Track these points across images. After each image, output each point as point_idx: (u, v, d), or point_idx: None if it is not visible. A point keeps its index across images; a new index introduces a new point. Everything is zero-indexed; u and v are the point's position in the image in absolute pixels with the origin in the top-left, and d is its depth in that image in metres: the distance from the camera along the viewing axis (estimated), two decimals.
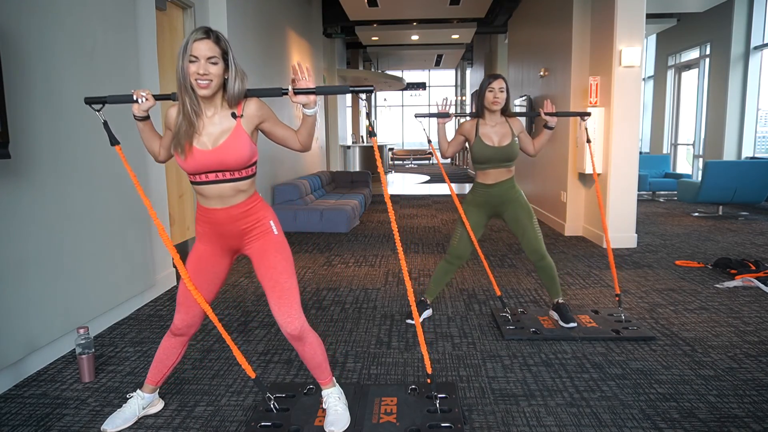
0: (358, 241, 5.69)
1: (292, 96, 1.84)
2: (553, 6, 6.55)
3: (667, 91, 10.16)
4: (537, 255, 3.03)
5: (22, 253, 2.48)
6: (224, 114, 1.87)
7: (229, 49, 1.84)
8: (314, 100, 1.86)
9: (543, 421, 2.10)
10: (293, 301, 1.96)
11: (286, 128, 1.97)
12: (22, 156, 2.46)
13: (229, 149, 1.84)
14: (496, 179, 2.99)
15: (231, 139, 1.84)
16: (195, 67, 1.76)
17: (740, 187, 6.59)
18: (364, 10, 9.59)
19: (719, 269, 4.27)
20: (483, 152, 2.94)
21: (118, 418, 2.08)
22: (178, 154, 1.85)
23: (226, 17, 5.05)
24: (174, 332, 2.09)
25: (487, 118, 2.99)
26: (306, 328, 1.98)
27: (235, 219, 1.93)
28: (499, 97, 2.91)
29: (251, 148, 1.89)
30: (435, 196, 9.83)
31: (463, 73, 20.49)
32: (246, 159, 1.88)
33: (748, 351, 2.73)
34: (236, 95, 1.84)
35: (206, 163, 1.84)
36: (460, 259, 3.16)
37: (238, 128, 1.86)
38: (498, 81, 2.92)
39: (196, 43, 1.76)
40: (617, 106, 5.10)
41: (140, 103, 1.89)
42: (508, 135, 2.95)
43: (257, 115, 1.90)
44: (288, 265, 1.99)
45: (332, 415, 2.01)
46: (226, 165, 1.85)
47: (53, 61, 2.70)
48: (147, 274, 3.59)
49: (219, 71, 1.80)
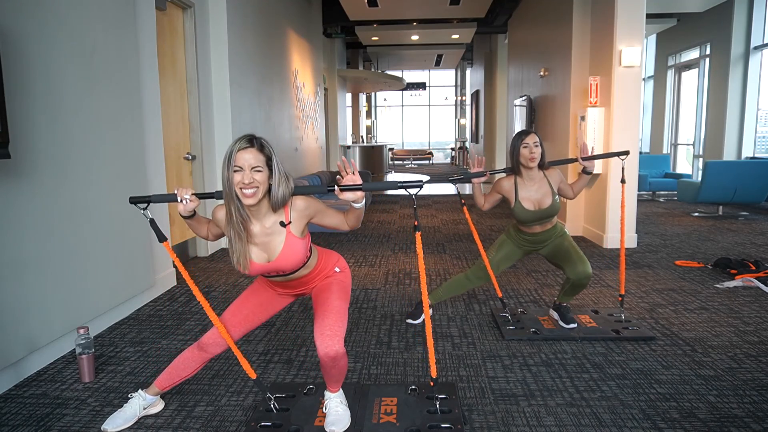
0: (358, 241, 5.69)
1: (339, 194, 1.84)
2: (553, 6, 6.55)
3: (667, 91, 10.16)
4: (587, 278, 2.91)
5: (22, 253, 2.48)
6: (273, 220, 1.90)
7: (273, 154, 1.84)
8: (362, 196, 1.86)
9: (543, 421, 2.10)
10: (337, 319, 1.94)
11: (334, 216, 1.99)
12: (22, 156, 2.46)
13: (285, 260, 1.91)
14: (540, 230, 2.94)
15: (286, 249, 1.90)
16: (240, 176, 1.77)
17: (740, 187, 6.59)
18: (364, 10, 9.59)
19: (719, 269, 4.27)
20: (525, 216, 2.87)
21: (118, 418, 2.08)
22: (239, 268, 1.91)
23: (226, 17, 5.06)
24: (200, 346, 2.10)
25: (525, 176, 2.89)
26: (342, 352, 1.91)
27: (304, 284, 2.09)
28: (535, 153, 2.79)
29: (305, 250, 1.96)
30: (435, 196, 9.82)
31: (463, 73, 20.49)
32: (302, 260, 1.96)
33: (748, 351, 2.73)
34: (281, 200, 1.85)
35: (266, 271, 1.96)
36: (479, 281, 3.10)
37: (289, 236, 1.90)
38: (531, 136, 2.81)
39: (240, 152, 1.77)
40: (617, 106, 5.10)
41: (184, 204, 1.88)
42: (549, 194, 2.85)
43: (305, 215, 1.94)
44: (341, 291, 2.06)
45: (333, 416, 2.01)
46: (286, 270, 1.95)
47: (53, 61, 2.70)
48: (147, 274, 3.59)
49: (264, 179, 1.80)
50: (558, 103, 6.38)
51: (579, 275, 2.89)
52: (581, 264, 2.89)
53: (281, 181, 1.83)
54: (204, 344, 2.09)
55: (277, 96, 6.99)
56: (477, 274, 3.09)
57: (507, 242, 3.06)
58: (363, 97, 19.76)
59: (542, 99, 7.17)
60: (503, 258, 3.04)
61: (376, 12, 9.72)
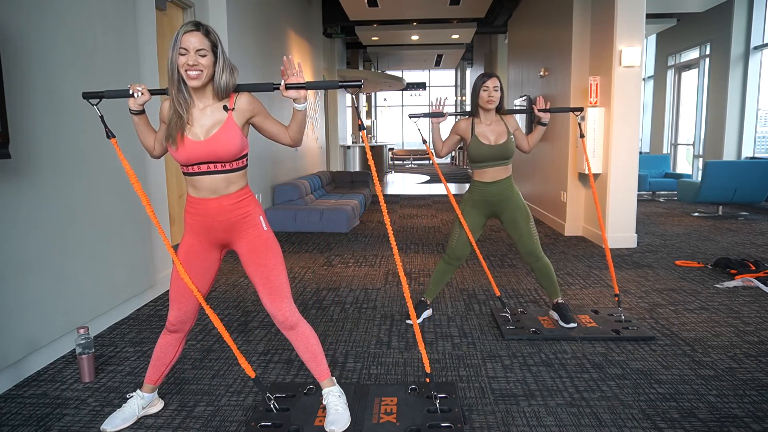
0: (358, 241, 5.69)
1: (283, 90, 1.86)
2: (553, 6, 6.55)
3: (667, 91, 10.16)
4: (532, 257, 3.03)
5: (22, 253, 2.48)
6: (216, 107, 1.90)
7: (219, 42, 1.87)
8: (304, 95, 1.88)
9: (543, 421, 2.10)
10: (284, 295, 2.01)
11: (276, 123, 2.00)
12: (22, 156, 2.47)
13: (220, 140, 1.87)
14: (493, 178, 2.99)
15: (222, 130, 1.87)
16: (185, 58, 1.80)
17: (740, 187, 6.59)
18: (364, 10, 9.59)
19: (719, 269, 4.27)
20: (480, 151, 2.95)
21: (117, 418, 2.08)
22: (170, 144, 1.88)
23: (226, 17, 5.06)
24: (169, 329, 2.09)
25: (482, 117, 2.99)
26: (297, 317, 2.03)
27: (225, 210, 1.94)
28: (493, 96, 2.91)
29: (242, 140, 1.92)
30: (435, 196, 9.82)
31: (463, 73, 20.49)
32: (237, 150, 1.90)
33: (748, 351, 2.73)
34: (224, 87, 1.87)
35: (198, 154, 1.87)
36: (458, 260, 3.15)
37: (229, 120, 1.89)
38: (492, 80, 2.92)
39: (186, 35, 1.79)
40: (617, 106, 5.10)
41: (136, 97, 1.91)
42: (504, 133, 2.96)
43: (248, 109, 1.93)
44: (278, 261, 2.01)
45: (332, 415, 2.01)
46: (218, 156, 1.88)
47: (53, 61, 2.70)
48: (147, 274, 3.59)
49: (209, 63, 1.82)
50: (558, 103, 6.37)
51: (527, 252, 3.02)
52: (530, 242, 3.00)
53: (225, 69, 1.85)
54: (171, 324, 2.08)
55: (277, 96, 6.99)
56: (453, 254, 3.13)
57: (466, 207, 3.09)
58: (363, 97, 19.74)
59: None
60: (470, 226, 3.07)
61: (376, 12, 9.72)
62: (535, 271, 3.08)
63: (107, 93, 2.02)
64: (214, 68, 1.85)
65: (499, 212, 3.06)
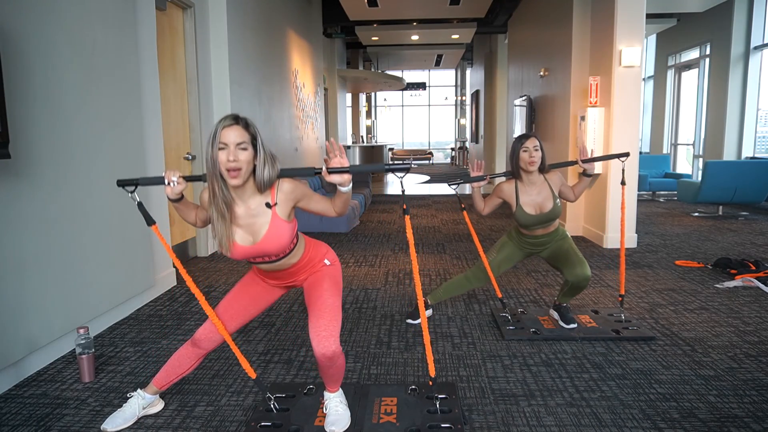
0: (358, 241, 5.69)
1: (326, 176, 1.82)
2: (553, 6, 6.55)
3: (667, 91, 10.16)
4: (586, 280, 2.91)
5: (22, 253, 2.48)
6: (258, 202, 1.86)
7: (258, 134, 1.82)
8: (348, 179, 1.83)
9: (543, 421, 2.10)
10: (332, 318, 1.93)
11: (321, 202, 1.95)
12: (22, 156, 2.46)
13: (270, 242, 1.87)
14: (542, 233, 2.94)
15: (270, 232, 1.86)
16: (225, 154, 1.74)
17: (740, 187, 6.59)
18: (364, 10, 9.58)
19: (719, 269, 4.27)
20: (527, 220, 2.86)
21: (118, 418, 2.08)
22: (221, 249, 1.87)
23: (226, 17, 5.05)
24: (194, 342, 2.09)
25: (525, 180, 2.88)
26: (339, 351, 1.92)
27: (293, 274, 2.05)
28: (534, 156, 2.78)
29: (291, 231, 1.91)
30: (435, 196, 9.82)
31: (463, 73, 20.48)
32: (288, 243, 1.91)
33: (748, 351, 2.73)
34: (266, 181, 1.82)
35: (250, 254, 1.90)
36: (479, 282, 3.10)
37: (275, 218, 1.86)
38: (531, 140, 2.80)
39: (225, 130, 1.75)
40: (617, 106, 5.10)
41: (172, 186, 1.87)
42: (550, 198, 2.85)
43: (291, 198, 1.90)
44: (334, 287, 2.03)
45: (333, 415, 2.01)
46: (270, 253, 1.90)
47: (53, 61, 2.70)
48: (147, 274, 3.59)
49: (248, 157, 1.78)
50: (558, 103, 6.38)
51: (578, 278, 2.89)
52: (580, 266, 2.89)
53: (266, 161, 1.80)
54: (198, 340, 2.08)
55: (277, 96, 6.99)
56: (477, 275, 3.09)
57: (508, 243, 3.06)
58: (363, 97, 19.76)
59: (542, 99, 7.17)
60: (504, 259, 3.04)
61: (376, 12, 9.72)
62: (576, 289, 2.96)
63: (142, 180, 2.01)
64: (255, 162, 1.80)
65: (541, 251, 3.02)
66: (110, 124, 3.19)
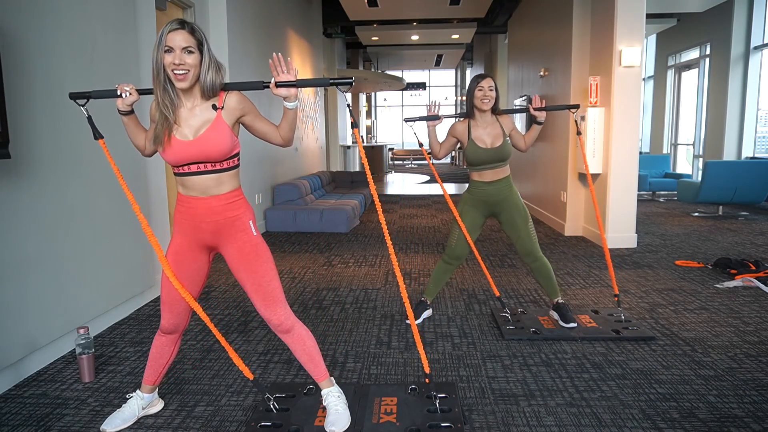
0: (358, 241, 5.69)
1: (274, 89, 1.83)
2: (553, 6, 6.54)
3: (667, 91, 10.16)
4: (530, 257, 3.03)
5: (22, 253, 2.48)
6: (204, 106, 1.87)
7: (205, 39, 1.83)
8: (295, 93, 1.85)
9: (543, 421, 2.10)
10: (278, 299, 1.99)
11: (267, 123, 1.96)
12: (22, 156, 2.47)
13: (209, 140, 1.84)
14: (492, 178, 2.99)
15: (211, 129, 1.84)
16: (170, 57, 1.76)
17: (740, 187, 6.59)
18: (364, 10, 9.59)
19: (719, 269, 4.27)
20: (477, 154, 2.94)
21: (117, 418, 2.08)
22: (158, 146, 1.86)
23: (226, 17, 5.05)
24: (163, 331, 2.08)
25: (478, 119, 2.99)
26: (293, 320, 2.01)
27: (214, 211, 1.91)
28: (488, 96, 2.91)
29: (232, 139, 1.88)
30: (435, 196, 9.82)
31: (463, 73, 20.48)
32: (227, 150, 1.87)
33: (748, 351, 2.73)
34: (211, 85, 1.83)
35: (187, 154, 1.84)
36: (458, 260, 3.15)
37: (219, 119, 1.86)
38: (487, 80, 2.92)
39: (171, 33, 1.76)
40: (617, 106, 5.10)
41: (124, 97, 1.88)
42: (500, 135, 2.96)
43: (238, 108, 1.89)
44: (269, 267, 1.98)
45: (333, 415, 2.01)
46: (207, 156, 1.85)
47: (53, 61, 2.70)
48: (147, 274, 3.59)
49: (195, 61, 1.79)
50: (558, 103, 6.37)
51: (525, 252, 3.02)
52: (529, 242, 3.00)
53: (211, 67, 1.81)
54: (164, 328, 2.06)
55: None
56: (453, 254, 3.12)
57: (465, 207, 3.09)
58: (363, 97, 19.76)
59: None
60: (469, 226, 3.06)
61: (376, 12, 9.72)
62: (534, 271, 3.09)
63: (94, 93, 1.99)
64: (200, 67, 1.81)
65: (497, 212, 3.05)
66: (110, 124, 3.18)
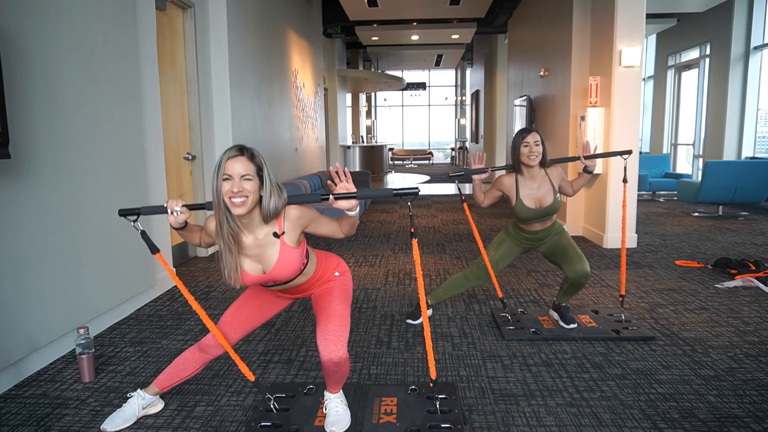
0: (358, 241, 5.69)
1: (333, 202, 1.82)
2: (553, 6, 6.55)
3: (667, 91, 10.16)
4: (585, 276, 2.91)
5: (22, 253, 2.48)
6: (266, 232, 1.86)
7: (264, 164, 1.81)
8: (355, 204, 1.84)
9: (543, 421, 2.10)
10: (341, 324, 1.94)
11: (328, 225, 1.96)
12: (22, 156, 2.46)
13: (280, 271, 1.89)
14: (540, 227, 2.94)
15: (280, 261, 1.87)
16: (229, 185, 1.74)
17: (740, 187, 6.59)
18: (364, 10, 9.59)
19: (719, 269, 4.27)
20: (527, 214, 2.86)
21: (117, 418, 2.08)
22: (230, 282, 1.85)
23: (226, 17, 5.05)
24: (202, 347, 2.09)
25: (526, 174, 2.88)
26: (346, 357, 1.92)
27: (304, 290, 2.07)
28: (535, 151, 2.78)
29: (300, 259, 1.93)
30: (435, 196, 9.82)
31: (463, 73, 20.49)
32: (298, 269, 1.93)
33: (748, 351, 2.73)
34: (272, 212, 1.81)
35: (261, 282, 1.93)
36: (478, 280, 3.10)
37: (284, 247, 1.87)
38: (532, 135, 2.79)
39: (230, 161, 1.75)
40: (617, 106, 5.10)
41: (175, 216, 1.86)
42: (550, 193, 2.85)
43: (299, 224, 1.90)
44: (343, 295, 2.04)
45: (333, 416, 2.01)
46: (281, 280, 1.93)
47: (53, 61, 2.70)
48: (147, 274, 3.59)
49: (254, 188, 1.77)
50: (558, 103, 6.38)
51: (577, 274, 2.90)
52: (579, 263, 2.89)
53: (273, 192, 1.79)
54: (205, 345, 2.08)
55: (277, 96, 6.99)
56: (476, 274, 3.09)
57: (506, 240, 3.05)
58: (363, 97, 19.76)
59: (542, 99, 7.17)
60: (502, 256, 3.04)
61: (376, 12, 9.72)
62: (576, 286, 2.97)
63: (143, 210, 1.98)
64: (260, 193, 1.79)
65: (539, 246, 3.02)
66: (110, 124, 3.19)
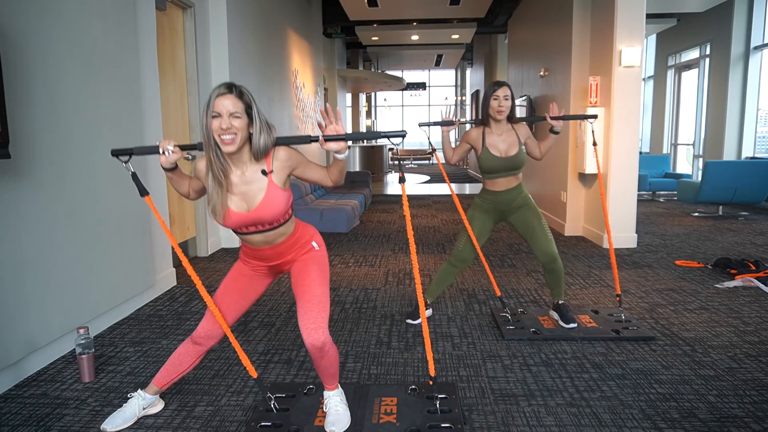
0: (358, 241, 5.69)
1: (323, 143, 1.82)
2: (553, 6, 6.55)
3: (667, 91, 10.16)
4: (549, 257, 2.96)
5: (22, 253, 2.48)
6: (254, 170, 1.86)
7: (253, 102, 1.82)
8: (345, 146, 1.84)
9: (543, 421, 2.10)
10: (321, 309, 1.94)
11: (317, 170, 1.96)
12: (22, 156, 2.46)
13: (265, 209, 1.86)
14: (505, 187, 2.96)
15: (266, 199, 1.86)
16: (218, 123, 1.76)
17: (740, 187, 6.59)
18: (364, 10, 9.59)
19: (719, 269, 4.27)
20: (491, 163, 2.90)
21: (118, 418, 2.08)
22: (215, 216, 1.86)
23: (226, 17, 5.05)
24: (194, 339, 2.09)
25: (493, 126, 2.94)
26: (329, 341, 1.93)
27: (281, 253, 2.01)
28: (504, 105, 2.85)
29: (286, 200, 1.91)
30: (435, 196, 9.82)
31: (463, 73, 20.49)
32: (283, 212, 1.90)
33: (748, 351, 2.73)
34: (262, 149, 1.82)
35: (244, 222, 1.89)
36: (463, 263, 3.13)
37: (271, 186, 1.86)
38: (503, 88, 2.85)
39: (219, 98, 1.76)
40: (617, 106, 5.10)
41: (167, 155, 1.87)
42: (515, 144, 2.91)
43: (287, 165, 1.90)
44: (322, 275, 2.01)
45: (333, 415, 2.01)
46: (265, 221, 1.89)
47: (53, 61, 2.70)
48: (147, 274, 3.59)
49: (243, 125, 1.78)
50: (558, 103, 6.37)
51: (546, 255, 2.96)
52: (546, 242, 2.95)
53: (262, 130, 1.80)
54: (197, 337, 2.08)
55: (277, 96, 6.99)
56: (459, 257, 3.11)
57: (475, 213, 3.07)
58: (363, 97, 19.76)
59: (542, 99, 7.17)
60: (478, 232, 3.05)
61: (376, 12, 9.72)
62: (549, 272, 3.03)
63: (136, 150, 1.99)
64: (249, 130, 1.81)
65: (508, 216, 3.03)
66: (110, 124, 3.19)
